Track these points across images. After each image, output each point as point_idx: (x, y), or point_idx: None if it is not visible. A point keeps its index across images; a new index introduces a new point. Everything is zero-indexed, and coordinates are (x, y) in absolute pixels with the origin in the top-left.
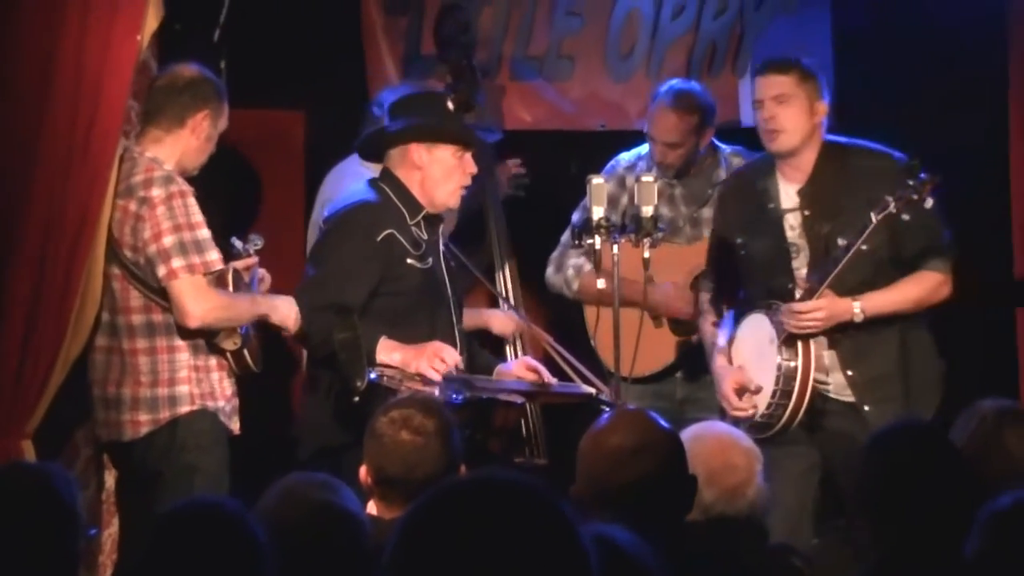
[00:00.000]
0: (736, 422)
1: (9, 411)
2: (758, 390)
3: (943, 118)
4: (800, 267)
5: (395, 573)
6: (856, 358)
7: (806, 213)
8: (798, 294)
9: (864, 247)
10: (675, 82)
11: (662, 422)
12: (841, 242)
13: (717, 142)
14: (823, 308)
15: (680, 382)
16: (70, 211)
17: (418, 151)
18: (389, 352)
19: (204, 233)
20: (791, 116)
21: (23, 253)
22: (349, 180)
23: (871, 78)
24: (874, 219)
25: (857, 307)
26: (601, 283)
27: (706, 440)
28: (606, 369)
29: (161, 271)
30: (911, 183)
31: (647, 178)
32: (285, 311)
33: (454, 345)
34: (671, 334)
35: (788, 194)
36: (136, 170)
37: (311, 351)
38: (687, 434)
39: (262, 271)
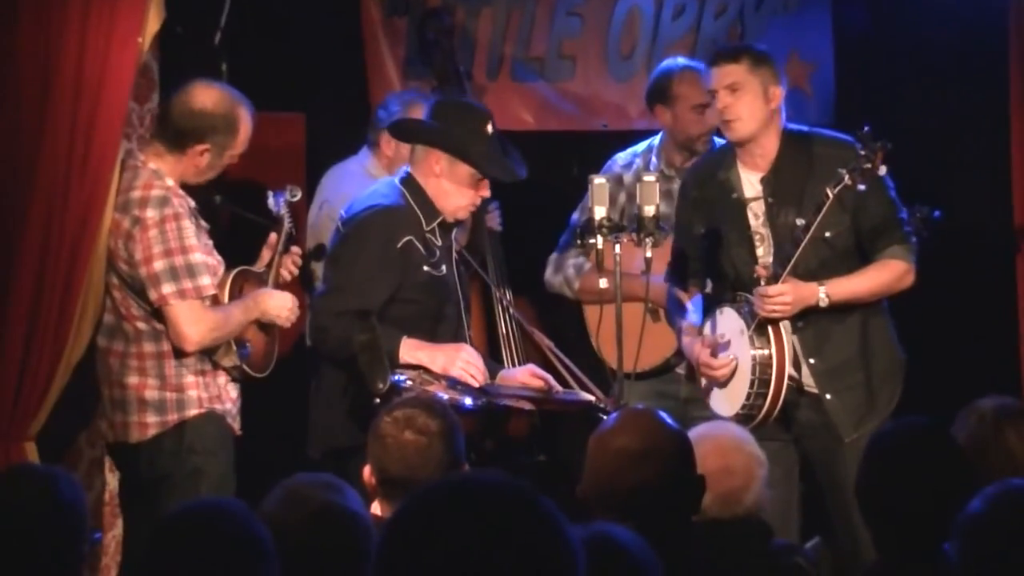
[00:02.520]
0: (737, 421)
1: (12, 414)
2: (726, 344)
3: (944, 118)
4: (765, 256)
5: (382, 574)
6: (817, 347)
7: (769, 201)
8: (763, 281)
9: (828, 234)
10: (671, 60)
11: (670, 422)
12: (799, 222)
13: (715, 138)
14: (788, 292)
15: (684, 381)
16: (71, 213)
17: (440, 159)
18: (413, 351)
19: (196, 257)
20: (746, 103)
21: (24, 256)
22: (348, 181)
23: (871, 78)
24: (830, 194)
25: (822, 292)
26: (603, 283)
27: (706, 443)
28: (608, 368)
29: (152, 296)
30: (863, 152)
31: (648, 177)
32: (276, 308)
33: None
34: (670, 327)
35: (750, 183)
36: (136, 183)
37: (330, 355)
38: (692, 435)
39: (294, 250)
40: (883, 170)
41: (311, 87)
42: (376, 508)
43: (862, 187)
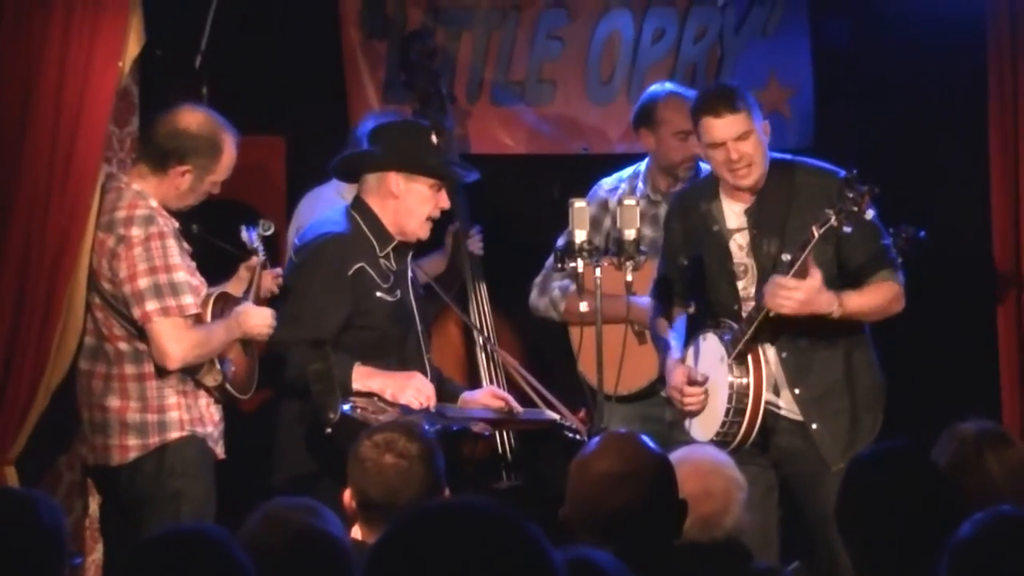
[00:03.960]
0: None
1: None
2: (704, 380)
3: (922, 139)
4: (747, 286)
5: None
6: (802, 376)
7: (754, 232)
8: (744, 314)
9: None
10: (658, 85)
11: (651, 446)
12: (785, 258)
13: (700, 163)
14: (804, 291)
15: (669, 404)
16: (50, 237)
17: (396, 180)
18: (365, 379)
19: (180, 276)
20: (755, 147)
21: (3, 279)
22: (323, 206)
23: (850, 100)
24: (816, 233)
25: (836, 303)
26: (584, 306)
27: (685, 465)
28: (590, 390)
29: (136, 313)
30: (850, 195)
31: (629, 201)
32: (256, 323)
33: (425, 374)
34: (655, 350)
35: (734, 213)
36: (120, 203)
37: (289, 384)
38: (671, 458)
39: (275, 271)
40: (870, 214)
41: (291, 110)
42: (356, 532)
43: (848, 229)
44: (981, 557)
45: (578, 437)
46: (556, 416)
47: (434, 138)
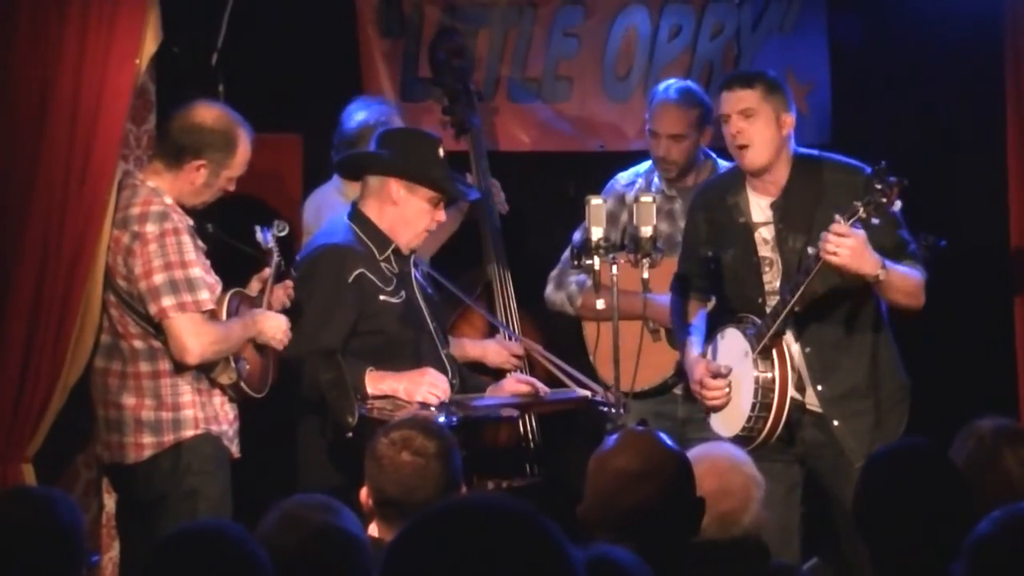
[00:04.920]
0: (737, 442)
1: (9, 435)
2: (728, 372)
3: (940, 136)
4: (772, 280)
5: None
6: (825, 374)
7: (780, 226)
8: (769, 309)
9: None
10: (672, 81)
11: (670, 443)
12: (811, 251)
13: (716, 158)
14: (857, 241)
15: (681, 401)
16: (68, 235)
17: (398, 188)
18: (377, 383)
19: (196, 272)
20: (759, 130)
21: (21, 277)
22: (324, 206)
23: (868, 96)
24: (843, 224)
25: (880, 267)
26: (601, 303)
27: (703, 463)
28: (605, 386)
29: (152, 309)
30: (879, 187)
31: (646, 198)
32: (272, 329)
33: (443, 371)
34: (669, 347)
35: (760, 207)
36: (135, 200)
37: (303, 396)
38: (689, 456)
39: (286, 284)
40: (898, 205)
41: (308, 108)
42: (373, 530)
43: (876, 221)
44: (999, 555)
45: (612, 411)
46: (587, 392)
47: (441, 152)
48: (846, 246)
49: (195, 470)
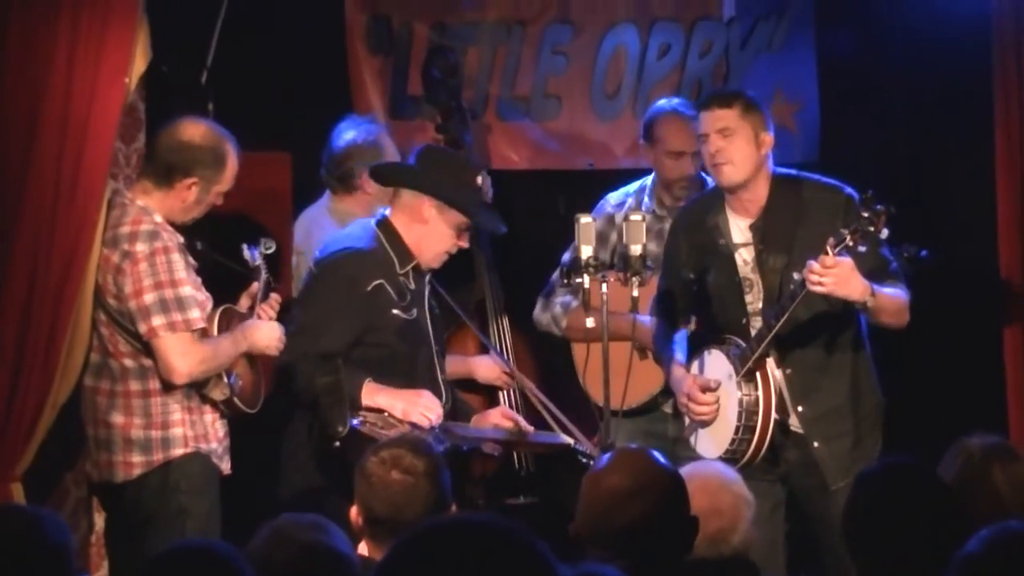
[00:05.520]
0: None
1: None
2: (717, 385)
3: (929, 154)
4: (754, 301)
5: None
6: (806, 394)
7: (760, 248)
8: (753, 331)
9: None
10: (666, 100)
11: (663, 461)
12: (796, 277)
13: (705, 176)
14: (843, 269)
15: (672, 420)
16: (56, 253)
17: (431, 207)
18: (373, 395)
19: (186, 291)
20: (737, 148)
21: (9, 296)
22: (315, 231)
23: (856, 114)
24: (831, 253)
25: (869, 293)
26: (591, 322)
27: (693, 482)
28: (595, 406)
29: (142, 328)
30: (866, 215)
31: (635, 217)
32: (265, 339)
33: (438, 394)
34: (657, 365)
35: (739, 228)
36: (124, 219)
37: (295, 395)
38: None
39: (273, 297)
40: (885, 233)
41: (298, 126)
42: (363, 548)
43: (863, 248)
44: (988, 572)
45: (592, 463)
46: (571, 440)
47: (479, 180)
48: (831, 275)
49: (184, 489)
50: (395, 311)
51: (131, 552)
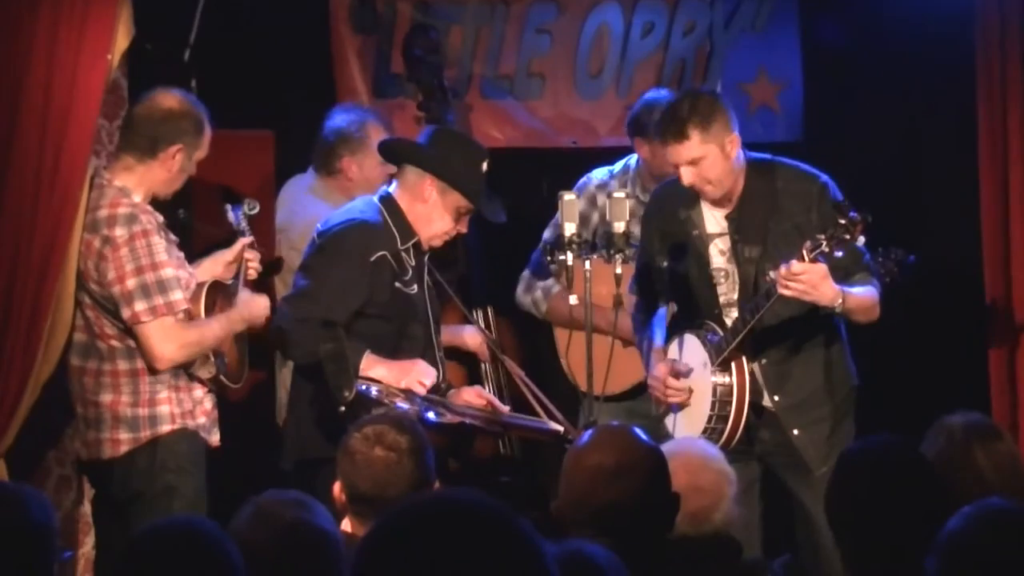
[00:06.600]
0: (708, 438)
1: None
2: (688, 372)
3: (912, 134)
4: (728, 292)
5: None
6: (781, 384)
7: (735, 238)
8: (728, 321)
9: None
10: (653, 92)
11: (645, 439)
12: (772, 275)
13: None
14: (814, 275)
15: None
16: (40, 230)
17: (432, 187)
18: (371, 367)
19: (167, 273)
20: (710, 169)
21: None
22: (295, 207)
23: (840, 94)
24: (807, 258)
25: (840, 299)
26: (573, 299)
27: (675, 460)
28: (577, 388)
29: (125, 314)
30: (842, 222)
31: (619, 194)
32: (255, 314)
33: (436, 368)
34: (639, 353)
35: (715, 218)
36: (102, 202)
37: (295, 360)
38: None
39: (254, 253)
40: (861, 240)
41: (281, 105)
42: (346, 525)
43: (839, 254)
44: (970, 550)
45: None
46: (560, 428)
47: (485, 166)
48: (801, 281)
49: (171, 467)
50: (397, 284)
51: (117, 529)
